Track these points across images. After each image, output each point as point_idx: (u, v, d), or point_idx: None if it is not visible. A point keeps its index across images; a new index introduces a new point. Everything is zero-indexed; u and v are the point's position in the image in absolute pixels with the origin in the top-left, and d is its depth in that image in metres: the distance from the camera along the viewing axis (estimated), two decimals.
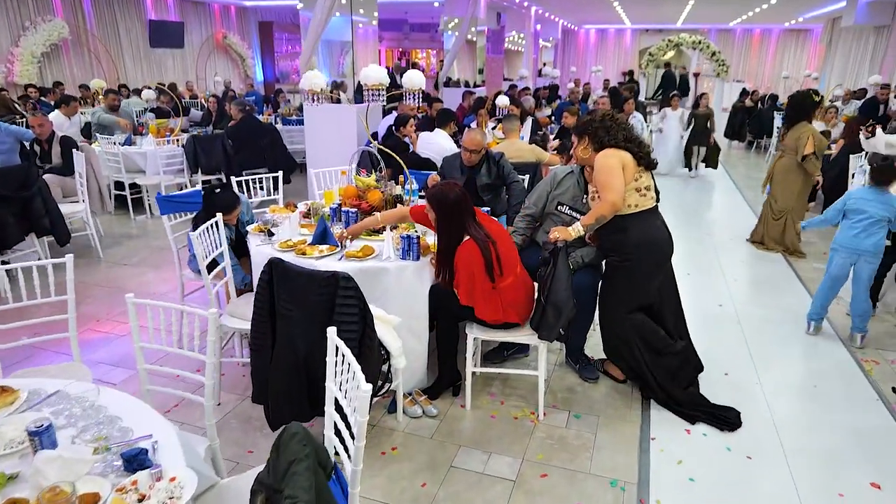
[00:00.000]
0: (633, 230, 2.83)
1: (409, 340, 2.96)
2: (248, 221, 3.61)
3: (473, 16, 10.57)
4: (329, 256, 2.94)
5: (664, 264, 2.96)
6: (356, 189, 3.51)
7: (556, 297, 2.66)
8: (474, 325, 2.91)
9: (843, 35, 15.07)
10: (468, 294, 2.76)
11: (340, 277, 2.27)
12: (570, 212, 3.18)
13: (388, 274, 2.86)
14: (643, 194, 2.83)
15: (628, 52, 23.06)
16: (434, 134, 5.09)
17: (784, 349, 3.69)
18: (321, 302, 2.32)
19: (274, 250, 3.02)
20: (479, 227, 2.75)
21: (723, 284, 4.72)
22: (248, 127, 6.85)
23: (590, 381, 3.24)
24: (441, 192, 2.78)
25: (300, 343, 2.42)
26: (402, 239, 2.89)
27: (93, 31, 13.03)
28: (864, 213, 3.54)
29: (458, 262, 2.73)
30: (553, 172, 3.32)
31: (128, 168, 6.40)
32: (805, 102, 5.04)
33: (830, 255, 3.69)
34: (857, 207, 3.55)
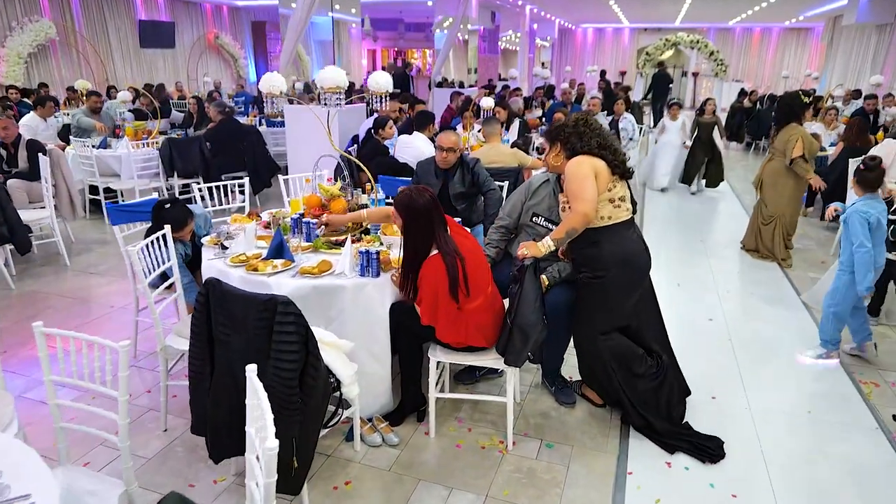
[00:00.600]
0: (606, 244, 2.60)
1: (368, 364, 2.76)
2: (209, 234, 3.40)
3: (465, 15, 10.34)
4: (283, 273, 2.72)
5: (641, 281, 2.73)
6: (319, 198, 3.29)
7: (522, 320, 2.44)
8: (437, 347, 2.69)
9: (845, 33, 14.85)
10: (430, 313, 2.54)
11: (279, 302, 2.05)
12: (546, 223, 2.97)
13: (344, 292, 2.65)
14: (617, 205, 2.61)
15: (626, 52, 22.84)
16: (412, 137, 4.87)
17: (776, 369, 3.47)
18: (261, 328, 2.11)
19: (225, 265, 2.81)
20: (448, 241, 2.53)
21: (714, 296, 4.50)
22: (228, 129, 6.63)
23: (566, 405, 3.02)
24: (408, 198, 2.55)
25: (240, 372, 2.20)
26: (361, 254, 2.68)
27: (81, 31, 12.83)
28: (882, 227, 3.28)
29: (422, 278, 2.52)
30: (528, 181, 3.11)
31: (102, 172, 6.20)
32: (793, 103, 4.83)
33: (853, 276, 3.29)
34: (881, 222, 3.28)
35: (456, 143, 3.62)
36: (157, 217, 3.04)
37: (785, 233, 5.10)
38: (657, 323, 2.90)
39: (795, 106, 4.79)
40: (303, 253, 2.95)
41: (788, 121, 4.83)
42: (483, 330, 2.59)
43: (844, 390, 3.24)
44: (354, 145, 5.70)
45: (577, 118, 2.68)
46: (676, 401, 2.86)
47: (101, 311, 4.12)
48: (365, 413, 2.82)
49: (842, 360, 3.53)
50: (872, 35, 13.67)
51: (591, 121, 2.66)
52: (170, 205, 3.09)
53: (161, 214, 3.03)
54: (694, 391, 3.10)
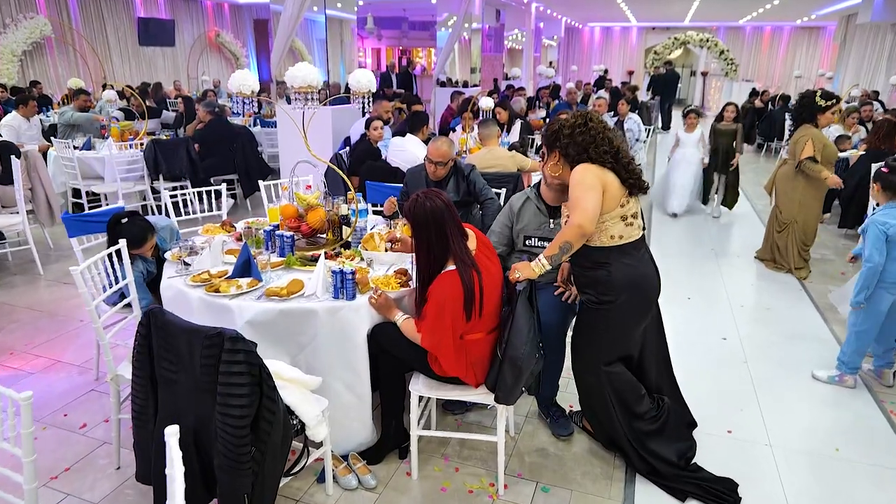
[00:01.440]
0: (617, 266, 2.29)
1: (344, 396, 2.47)
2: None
3: (468, 13, 10.04)
4: (248, 294, 2.44)
5: (651, 307, 2.43)
6: (296, 208, 3.01)
7: (514, 353, 2.14)
8: (420, 379, 2.40)
9: (859, 32, 14.45)
10: (431, 334, 2.20)
11: (226, 337, 1.76)
12: (541, 243, 2.67)
13: (315, 317, 2.36)
14: (629, 223, 2.30)
15: (634, 51, 22.47)
16: (405, 140, 4.58)
17: (798, 396, 3.15)
18: (209, 366, 1.82)
19: (185, 285, 2.53)
20: (467, 252, 2.20)
21: (727, 312, 4.18)
22: (217, 130, 6.36)
23: (562, 438, 2.72)
24: (417, 203, 2.18)
25: (188, 414, 1.92)
26: (334, 274, 2.39)
27: (78, 28, 12.61)
28: None
29: (432, 292, 2.18)
30: (509, 204, 2.80)
31: (85, 174, 5.94)
32: (811, 105, 4.47)
33: (878, 293, 3.01)
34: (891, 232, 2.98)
35: (447, 154, 3.31)
36: (111, 233, 2.75)
37: (800, 241, 4.76)
38: (661, 352, 2.59)
39: (813, 108, 4.45)
40: (273, 270, 2.66)
41: (803, 121, 4.54)
42: (475, 367, 2.28)
43: (874, 423, 2.93)
44: (346, 147, 5.41)
45: (574, 122, 2.32)
46: (682, 440, 2.55)
47: (70, 326, 3.85)
48: (340, 451, 2.53)
49: (870, 387, 3.22)
50: (888, 34, 13.26)
51: (593, 125, 2.31)
52: (126, 219, 2.81)
53: (117, 231, 2.74)
54: (708, 424, 2.80)
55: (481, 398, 2.34)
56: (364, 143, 4.93)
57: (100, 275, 2.56)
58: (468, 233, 2.28)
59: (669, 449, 2.44)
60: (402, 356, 2.37)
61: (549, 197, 2.70)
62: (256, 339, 2.35)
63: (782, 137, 10.12)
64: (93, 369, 3.24)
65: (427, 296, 2.17)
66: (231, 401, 1.75)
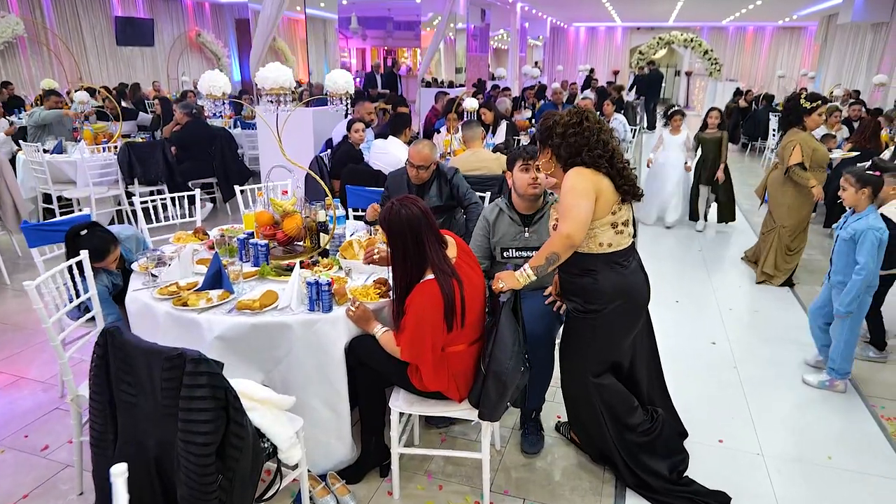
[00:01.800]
0: (605, 274, 2.19)
1: (321, 412, 2.35)
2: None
3: (452, 12, 9.93)
4: (218, 307, 2.31)
5: (640, 316, 2.34)
6: (271, 215, 2.88)
7: (498, 367, 2.04)
8: (400, 394, 2.29)
9: (839, 33, 14.57)
10: (411, 346, 2.08)
11: (188, 359, 1.64)
12: (519, 253, 2.58)
13: (289, 331, 2.24)
14: (620, 231, 2.20)
15: (619, 51, 22.54)
16: (387, 142, 4.46)
17: (789, 403, 3.08)
18: (170, 389, 1.69)
19: (151, 298, 2.39)
20: (445, 260, 2.10)
21: (716, 315, 4.12)
22: (194, 132, 6.19)
23: (529, 455, 2.61)
24: (391, 211, 2.08)
25: (149, 440, 1.80)
26: (309, 286, 2.27)
27: (52, 28, 12.30)
28: (883, 245, 2.94)
29: (410, 302, 2.07)
30: (482, 216, 2.70)
31: (56, 179, 5.73)
32: (796, 108, 4.36)
33: (863, 298, 2.99)
34: (884, 240, 2.93)
35: (429, 157, 3.21)
36: (71, 246, 2.60)
37: (784, 246, 4.60)
38: (652, 360, 2.51)
39: (796, 109, 4.36)
40: (246, 281, 2.54)
41: (790, 125, 4.43)
42: (457, 379, 2.18)
43: (866, 428, 2.87)
44: (328, 150, 5.28)
45: (568, 120, 2.17)
46: (674, 454, 2.47)
47: (36, 340, 3.67)
48: (317, 470, 2.41)
49: (860, 391, 3.16)
50: (868, 34, 13.37)
51: (588, 125, 2.16)
52: (86, 230, 2.65)
53: (77, 242, 2.59)
54: (699, 433, 2.73)
55: (465, 414, 2.23)
56: (346, 146, 4.81)
57: (59, 288, 2.41)
58: (448, 240, 2.18)
59: (662, 463, 2.35)
60: (382, 370, 2.26)
61: (521, 206, 2.61)
62: (228, 355, 2.25)
63: (766, 137, 10.15)
64: (58, 385, 3.09)
65: (405, 307, 2.06)
66: (193, 427, 1.63)
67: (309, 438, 2.33)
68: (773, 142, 9.54)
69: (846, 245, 2.98)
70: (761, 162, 10.18)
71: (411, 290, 2.05)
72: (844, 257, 3.00)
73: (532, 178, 2.52)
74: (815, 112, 4.33)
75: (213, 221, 6.15)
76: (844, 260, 3.00)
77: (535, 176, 2.51)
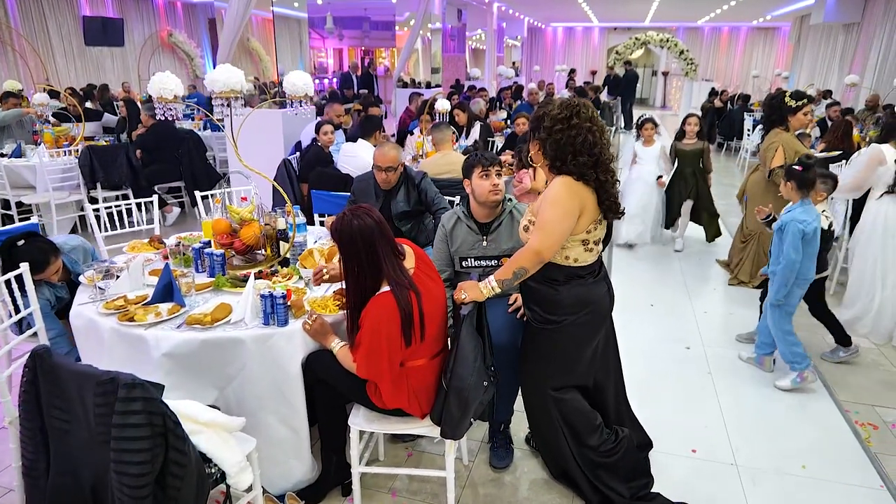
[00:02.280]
0: (566, 287, 2.10)
1: (278, 431, 2.24)
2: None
3: (427, 12, 9.83)
4: (167, 322, 2.19)
5: (601, 326, 2.24)
6: (228, 222, 2.76)
7: (460, 383, 1.95)
8: (360, 411, 2.19)
9: (812, 33, 14.78)
10: (367, 363, 1.97)
11: (121, 384, 1.52)
12: (478, 262, 2.49)
13: (242, 347, 2.12)
14: (589, 248, 2.10)
15: (597, 51, 22.64)
16: (356, 145, 4.35)
17: (765, 411, 3.02)
18: (104, 415, 1.57)
19: (97, 313, 2.26)
20: (401, 272, 1.99)
21: (691, 318, 4.08)
22: (160, 135, 6.01)
23: (497, 469, 2.52)
24: (343, 222, 1.96)
25: (84, 470, 1.68)
26: (263, 298, 2.15)
27: (17, 27, 11.95)
28: (816, 239, 3.00)
29: (365, 315, 1.96)
30: (441, 225, 2.60)
31: (14, 184, 5.53)
32: (780, 106, 4.13)
33: (793, 291, 3.09)
34: (816, 233, 2.98)
35: (395, 159, 3.11)
36: (7, 259, 2.45)
37: (763, 253, 4.46)
38: (617, 372, 2.43)
39: (783, 109, 4.11)
40: (199, 294, 2.42)
41: (773, 125, 4.22)
42: (419, 395, 2.08)
43: (841, 436, 2.82)
44: (297, 152, 5.15)
45: (558, 114, 1.97)
46: (638, 475, 2.35)
47: None
48: (276, 490, 2.30)
49: (834, 397, 3.13)
50: (839, 34, 13.57)
51: (577, 122, 1.95)
52: (24, 241, 2.50)
53: (13, 254, 2.44)
54: (672, 443, 2.67)
55: (427, 431, 2.14)
56: (315, 149, 4.69)
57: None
58: (405, 250, 2.08)
59: (623, 485, 2.26)
60: (339, 387, 2.15)
61: (479, 214, 2.52)
62: (177, 374, 2.13)
63: (741, 136, 10.22)
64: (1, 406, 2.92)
65: (360, 322, 1.96)
66: (127, 457, 1.51)
67: (266, 458, 2.22)
68: (748, 141, 9.60)
69: (777, 236, 3.11)
70: (737, 161, 10.25)
71: (366, 304, 1.95)
72: (776, 248, 3.12)
73: (493, 185, 2.42)
74: (800, 111, 4.11)
75: (182, 227, 5.98)
76: (776, 251, 3.12)
77: (496, 182, 2.42)
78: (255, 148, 5.48)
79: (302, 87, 2.65)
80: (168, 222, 6.05)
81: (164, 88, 2.54)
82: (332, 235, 2.01)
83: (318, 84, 14.84)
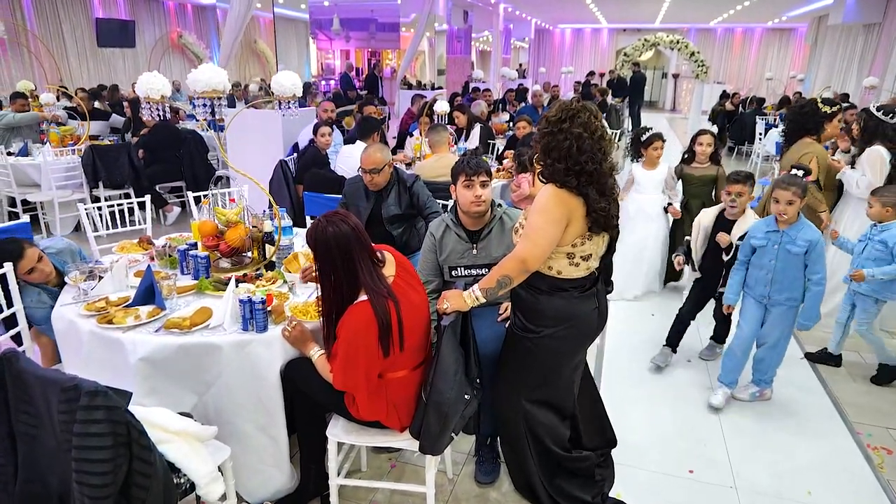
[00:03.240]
0: (548, 297, 2.02)
1: (256, 438, 2.21)
2: None
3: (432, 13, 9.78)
4: (145, 325, 2.15)
5: (586, 343, 2.16)
6: (215, 224, 2.72)
7: (439, 397, 1.89)
8: (339, 422, 2.14)
9: (830, 34, 14.51)
10: (343, 374, 1.92)
11: (84, 391, 1.48)
12: (469, 272, 2.44)
13: (219, 353, 2.09)
14: (576, 263, 1.99)
15: (605, 53, 22.45)
16: (354, 147, 4.31)
17: (768, 429, 2.88)
18: (69, 422, 1.54)
19: (76, 314, 2.23)
20: (378, 280, 1.93)
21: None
22: (162, 135, 6.02)
23: (482, 484, 2.44)
24: (318, 228, 1.91)
25: (52, 477, 1.65)
26: (241, 304, 2.11)
27: (33, 29, 12.09)
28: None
29: (341, 325, 1.91)
30: (429, 233, 2.54)
31: (20, 182, 5.56)
32: (814, 114, 3.75)
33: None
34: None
35: (380, 161, 3.07)
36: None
37: None
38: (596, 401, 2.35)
39: (813, 116, 3.75)
40: (181, 297, 2.39)
41: (799, 135, 3.82)
42: (398, 407, 2.02)
43: (850, 460, 2.66)
44: (294, 154, 5.13)
45: (556, 116, 1.88)
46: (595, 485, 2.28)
47: None
48: (254, 499, 2.27)
49: (845, 417, 2.99)
50: (859, 35, 13.31)
51: (567, 126, 1.86)
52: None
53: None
54: (669, 463, 2.59)
55: (406, 444, 2.08)
56: (312, 150, 4.66)
57: None
58: (386, 257, 2.02)
59: (583, 490, 2.19)
60: (317, 397, 2.11)
61: (467, 222, 2.47)
62: (155, 379, 2.09)
63: (753, 141, 10.05)
64: None
65: (337, 331, 1.91)
66: (88, 466, 1.47)
67: (244, 466, 2.19)
68: (759, 146, 9.43)
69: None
70: (748, 166, 10.09)
71: (343, 314, 1.90)
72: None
73: (475, 197, 2.37)
74: (835, 118, 3.80)
75: (183, 227, 5.97)
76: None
77: (479, 194, 2.37)
78: (252, 149, 5.49)
79: (290, 88, 2.61)
80: (168, 221, 6.06)
81: (152, 88, 2.52)
82: (307, 242, 1.96)
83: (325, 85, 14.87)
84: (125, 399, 1.60)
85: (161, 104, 2.57)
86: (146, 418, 1.70)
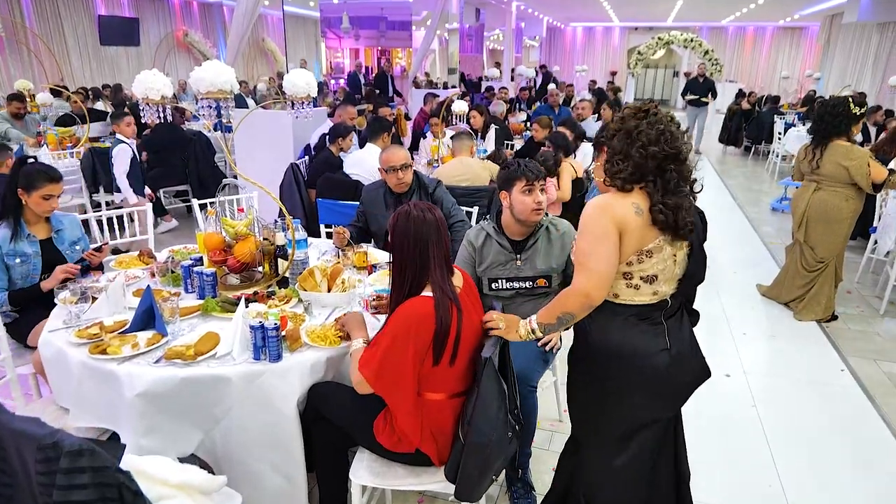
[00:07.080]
0: (599, 326, 1.70)
1: (270, 479, 1.97)
2: None
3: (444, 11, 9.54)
4: (144, 355, 1.91)
5: (660, 404, 1.76)
6: (222, 237, 2.48)
7: (481, 439, 1.64)
8: (363, 460, 1.89)
9: (843, 33, 14.21)
10: (373, 361, 1.66)
11: (65, 452, 1.23)
12: (510, 285, 2.19)
13: (228, 386, 1.85)
14: (636, 286, 1.64)
15: (617, 52, 22.20)
16: (364, 151, 4.07)
17: (826, 456, 2.65)
18: (48, 485, 1.30)
19: (67, 341, 1.99)
20: (448, 283, 1.74)
21: (728, 340, 3.73)
22: (165, 136, 5.79)
23: None
24: (402, 215, 1.75)
25: None
26: (252, 330, 1.87)
27: (33, 27, 11.90)
28: None
29: (396, 314, 1.70)
30: (467, 240, 2.31)
31: None
32: (847, 115, 3.63)
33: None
34: None
35: (405, 156, 2.86)
36: None
37: (837, 281, 4.03)
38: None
39: (847, 117, 3.64)
40: (184, 319, 2.14)
41: (830, 137, 3.72)
42: (437, 436, 1.78)
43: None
44: (306, 156, 4.89)
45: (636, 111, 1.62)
46: None
47: None
48: None
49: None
50: (873, 34, 13.03)
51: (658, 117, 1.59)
52: None
53: None
54: (710, 494, 2.33)
55: (440, 487, 1.83)
56: (325, 153, 4.41)
57: None
58: (455, 272, 1.83)
59: None
60: (341, 422, 1.87)
61: (513, 231, 2.23)
62: (155, 415, 1.85)
63: (771, 140, 9.77)
64: None
65: (387, 321, 1.72)
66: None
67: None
68: (778, 145, 9.15)
69: None
70: (766, 166, 9.82)
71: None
72: None
73: (536, 203, 2.16)
74: (862, 119, 3.73)
75: (188, 237, 5.74)
76: None
77: (540, 200, 2.16)
78: (262, 152, 5.26)
79: (303, 88, 2.36)
80: (159, 230, 5.74)
81: (151, 88, 2.28)
82: (388, 226, 1.79)
83: (335, 84, 14.65)
84: (117, 453, 1.36)
85: (162, 105, 2.33)
86: (142, 471, 1.46)
